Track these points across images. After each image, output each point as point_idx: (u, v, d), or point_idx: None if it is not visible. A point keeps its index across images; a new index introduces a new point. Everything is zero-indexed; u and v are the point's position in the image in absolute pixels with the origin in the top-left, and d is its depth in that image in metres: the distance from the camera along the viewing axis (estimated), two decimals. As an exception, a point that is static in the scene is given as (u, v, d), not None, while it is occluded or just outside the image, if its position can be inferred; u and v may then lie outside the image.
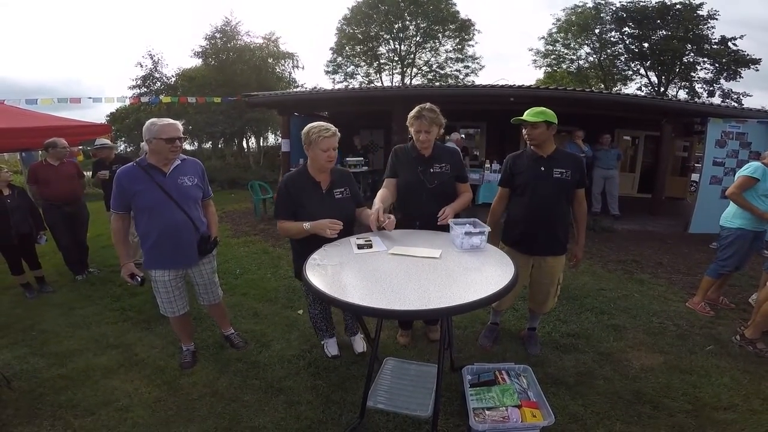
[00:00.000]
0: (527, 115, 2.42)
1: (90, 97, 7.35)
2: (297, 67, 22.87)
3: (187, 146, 20.32)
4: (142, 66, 18.29)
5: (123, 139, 18.47)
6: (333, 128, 2.30)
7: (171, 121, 2.36)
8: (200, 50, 19.73)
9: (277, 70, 22.17)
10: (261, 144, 23.44)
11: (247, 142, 24.09)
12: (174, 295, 2.55)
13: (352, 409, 2.25)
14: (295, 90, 18.16)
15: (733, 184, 3.33)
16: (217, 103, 9.78)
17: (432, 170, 2.52)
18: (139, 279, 2.40)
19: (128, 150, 18.15)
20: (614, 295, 3.93)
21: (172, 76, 19.10)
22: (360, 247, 2.11)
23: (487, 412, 2.06)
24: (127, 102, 10.66)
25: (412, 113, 2.49)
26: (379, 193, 2.51)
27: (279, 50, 22.18)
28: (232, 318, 3.37)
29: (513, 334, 3.13)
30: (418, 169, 2.52)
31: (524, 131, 2.48)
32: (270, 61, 21.67)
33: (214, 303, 2.81)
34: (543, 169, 2.48)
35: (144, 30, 47.08)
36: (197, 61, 20.19)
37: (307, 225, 2.22)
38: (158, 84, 18.48)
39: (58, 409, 2.32)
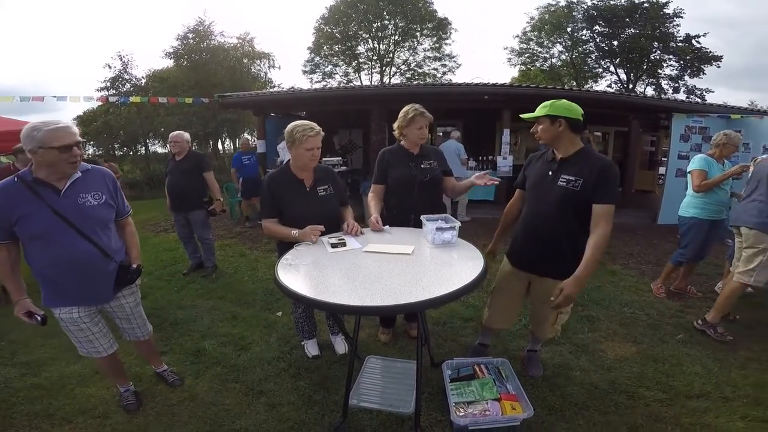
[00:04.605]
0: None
1: (54, 96, 6.94)
2: (273, 67, 22.74)
3: (159, 149, 19.80)
4: (110, 67, 17.65)
5: (91, 143, 17.78)
6: (317, 127, 2.32)
7: (63, 123, 1.80)
8: (172, 51, 19.27)
9: (253, 70, 21.94)
10: (237, 145, 23.11)
11: (222, 144, 23.67)
12: (92, 333, 2.06)
13: (335, 408, 2.24)
14: (270, 90, 17.93)
15: (692, 182, 3.49)
16: (189, 103, 9.56)
17: (423, 165, 2.59)
18: (39, 318, 1.91)
19: (96, 153, 17.48)
20: (587, 287, 4.01)
21: (143, 77, 18.54)
22: (334, 246, 2.13)
23: (467, 407, 2.09)
24: (95, 101, 10.20)
25: (410, 112, 2.53)
26: (372, 205, 2.58)
27: (254, 50, 21.94)
28: (209, 322, 3.34)
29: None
30: (410, 164, 2.59)
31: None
32: (245, 61, 21.40)
33: (143, 340, 2.36)
34: (551, 173, 2.07)
35: (113, 32, 45.56)
36: (169, 62, 19.75)
37: (295, 232, 2.23)
38: (128, 86, 17.87)
39: (34, 419, 2.26)
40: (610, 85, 24.21)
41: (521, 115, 2.19)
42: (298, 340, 2.90)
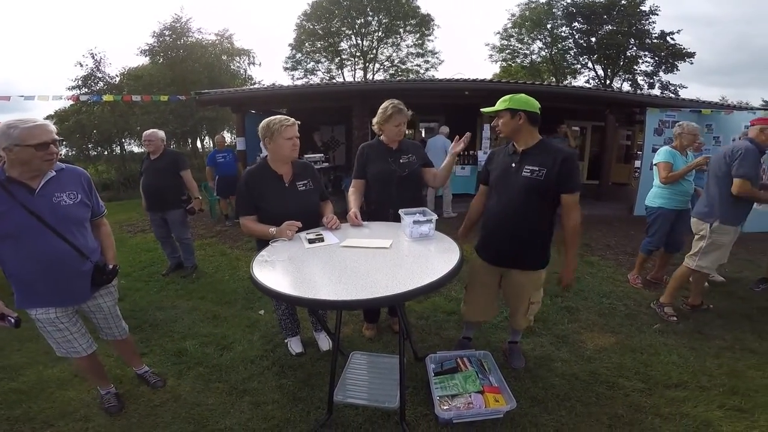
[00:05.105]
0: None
1: (21, 95, 6.65)
2: (253, 63, 22.44)
3: (135, 148, 19.32)
4: (82, 65, 16.90)
5: (64, 143, 17.19)
6: (292, 119, 2.31)
7: (40, 120, 1.78)
8: (147, 48, 18.78)
9: (232, 67, 21.65)
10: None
11: (202, 142, 23.26)
12: (70, 333, 2.02)
13: (320, 405, 2.23)
14: (249, 87, 17.69)
15: (659, 174, 3.64)
16: (164, 101, 9.35)
17: (401, 160, 2.59)
18: (13, 320, 1.80)
19: (70, 154, 16.92)
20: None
21: (116, 75, 17.96)
22: (311, 241, 2.12)
23: (451, 400, 2.12)
24: (64, 99, 9.80)
25: (389, 110, 2.51)
26: (352, 200, 2.57)
27: (233, 47, 21.66)
28: (189, 323, 3.28)
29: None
30: (389, 159, 2.58)
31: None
32: (224, 58, 21.10)
33: (120, 339, 2.34)
34: (514, 165, 2.13)
35: (85, 29, 44.13)
36: (144, 60, 19.24)
37: (272, 229, 2.22)
38: (101, 84, 17.23)
39: (15, 423, 2.20)
40: (588, 81, 24.73)
41: (482, 110, 2.26)
42: (282, 338, 2.88)
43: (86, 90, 16.57)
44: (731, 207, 2.96)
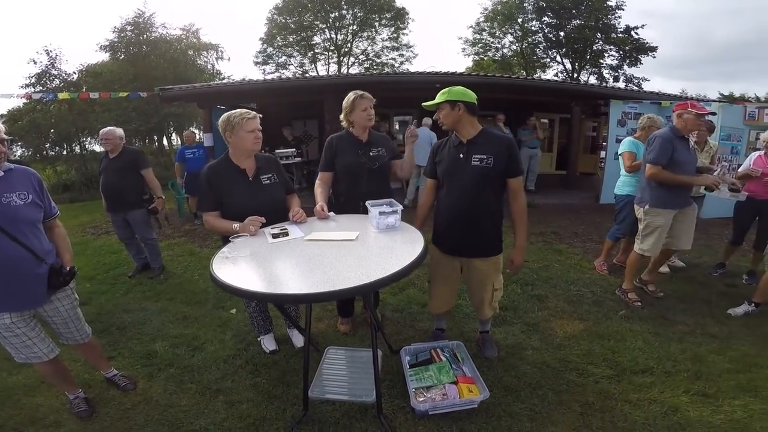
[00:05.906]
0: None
1: None
2: (221, 58, 21.91)
3: (97, 148, 18.49)
4: (36, 63, 15.68)
5: (19, 143, 16.18)
6: (253, 112, 2.27)
7: None
8: (107, 44, 17.96)
9: (199, 62, 21.03)
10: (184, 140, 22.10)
11: (168, 139, 22.53)
12: (29, 338, 1.95)
13: (296, 402, 2.21)
14: (216, 82, 17.25)
15: (624, 163, 3.82)
16: (124, 97, 8.98)
17: (371, 153, 2.57)
18: None
19: (26, 155, 16.00)
20: (536, 266, 4.21)
21: (74, 72, 16.95)
22: (275, 236, 2.08)
23: (426, 392, 2.13)
24: (16, 98, 9.30)
25: (350, 97, 2.54)
26: (319, 193, 2.53)
27: (200, 42, 21.06)
28: (159, 324, 3.19)
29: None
30: (359, 152, 2.55)
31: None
32: (190, 53, 20.47)
33: (82, 343, 2.26)
34: (462, 156, 2.20)
35: (40, 27, 41.61)
36: (104, 56, 18.41)
37: (236, 225, 2.17)
38: (56, 82, 16.22)
39: None
40: (556, 75, 25.27)
41: (423, 104, 2.32)
42: (254, 336, 2.84)
43: (41, 87, 15.65)
44: (658, 191, 3.09)
